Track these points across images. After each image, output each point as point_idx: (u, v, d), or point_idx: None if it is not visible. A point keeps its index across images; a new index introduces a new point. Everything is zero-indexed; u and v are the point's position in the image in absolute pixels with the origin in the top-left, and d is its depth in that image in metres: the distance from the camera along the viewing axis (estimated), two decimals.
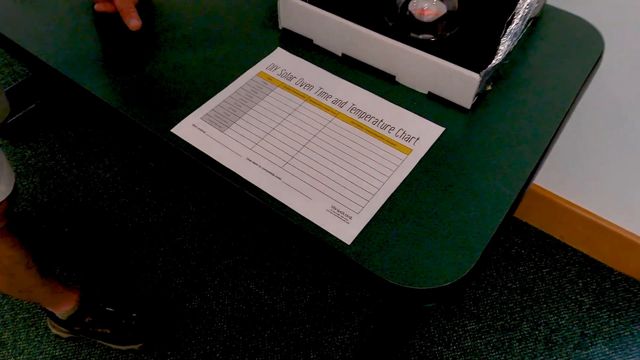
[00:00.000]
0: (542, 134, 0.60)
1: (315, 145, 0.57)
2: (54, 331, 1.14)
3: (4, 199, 0.78)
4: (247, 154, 0.56)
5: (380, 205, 0.52)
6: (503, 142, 0.59)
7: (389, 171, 0.55)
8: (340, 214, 0.51)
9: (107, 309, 1.09)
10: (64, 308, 1.05)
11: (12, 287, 0.92)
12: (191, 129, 0.59)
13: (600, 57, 0.71)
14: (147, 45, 0.70)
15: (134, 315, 1.11)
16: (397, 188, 0.53)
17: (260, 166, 0.55)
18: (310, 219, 0.50)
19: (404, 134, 0.59)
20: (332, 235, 0.49)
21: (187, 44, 0.70)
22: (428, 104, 0.63)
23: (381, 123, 0.60)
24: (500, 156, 0.57)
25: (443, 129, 0.60)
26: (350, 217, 0.51)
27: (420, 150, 0.57)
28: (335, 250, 0.49)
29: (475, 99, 0.62)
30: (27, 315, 1.20)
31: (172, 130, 0.59)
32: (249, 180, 0.54)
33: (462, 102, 0.62)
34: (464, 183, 0.54)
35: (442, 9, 0.70)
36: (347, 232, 0.49)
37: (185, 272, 1.26)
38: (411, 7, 0.71)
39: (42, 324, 1.18)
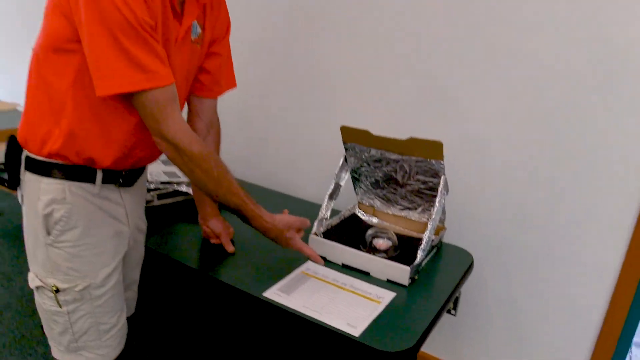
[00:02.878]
0: (438, 301, 1.24)
1: (338, 300, 1.18)
2: None
3: None
4: (304, 304, 1.16)
5: (369, 323, 1.11)
6: (419, 300, 1.22)
7: (371, 309, 1.16)
8: (352, 326, 1.10)
9: None
10: None
11: None
12: (273, 294, 1.19)
13: (471, 264, 1.41)
14: (240, 257, 1.35)
15: None
16: (376, 316, 1.14)
17: (310, 308, 1.15)
18: (339, 327, 1.09)
19: (377, 295, 1.21)
20: (348, 333, 1.07)
21: (260, 257, 1.35)
22: (387, 284, 1.27)
23: (366, 292, 1.23)
24: (421, 305, 1.20)
25: (395, 294, 1.23)
26: (356, 326, 1.09)
27: (385, 301, 1.19)
28: (351, 339, 1.06)
29: (410, 281, 1.27)
30: None
31: (263, 294, 1.19)
32: (306, 314, 1.13)
33: (403, 282, 1.27)
34: (406, 317, 1.15)
35: (389, 244, 1.41)
36: (355, 331, 1.08)
37: None
38: (374, 242, 1.41)
39: None
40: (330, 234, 1.45)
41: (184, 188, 1.69)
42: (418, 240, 1.46)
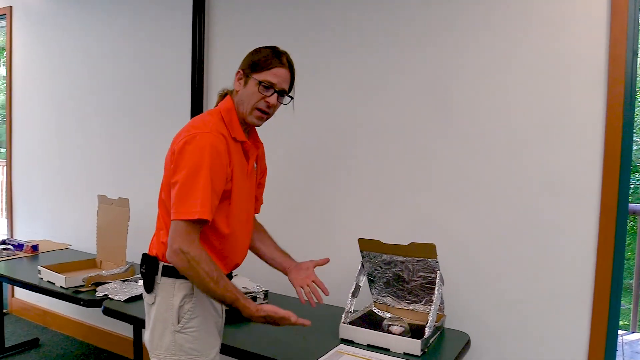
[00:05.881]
0: None
1: None
2: None
3: None
4: None
5: None
6: None
7: None
8: None
9: None
10: None
11: None
12: None
13: (468, 342, 1.79)
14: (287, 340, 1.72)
15: None
16: None
17: None
18: None
19: None
20: None
21: (301, 340, 1.72)
22: (403, 356, 1.64)
23: None
24: None
25: None
26: None
27: None
28: None
29: (421, 352, 1.64)
30: None
31: None
32: None
33: (416, 352, 1.64)
34: None
35: (402, 329, 1.79)
36: None
37: None
38: (390, 329, 1.79)
39: None
40: (355, 324, 1.84)
41: None
42: (425, 326, 1.85)
